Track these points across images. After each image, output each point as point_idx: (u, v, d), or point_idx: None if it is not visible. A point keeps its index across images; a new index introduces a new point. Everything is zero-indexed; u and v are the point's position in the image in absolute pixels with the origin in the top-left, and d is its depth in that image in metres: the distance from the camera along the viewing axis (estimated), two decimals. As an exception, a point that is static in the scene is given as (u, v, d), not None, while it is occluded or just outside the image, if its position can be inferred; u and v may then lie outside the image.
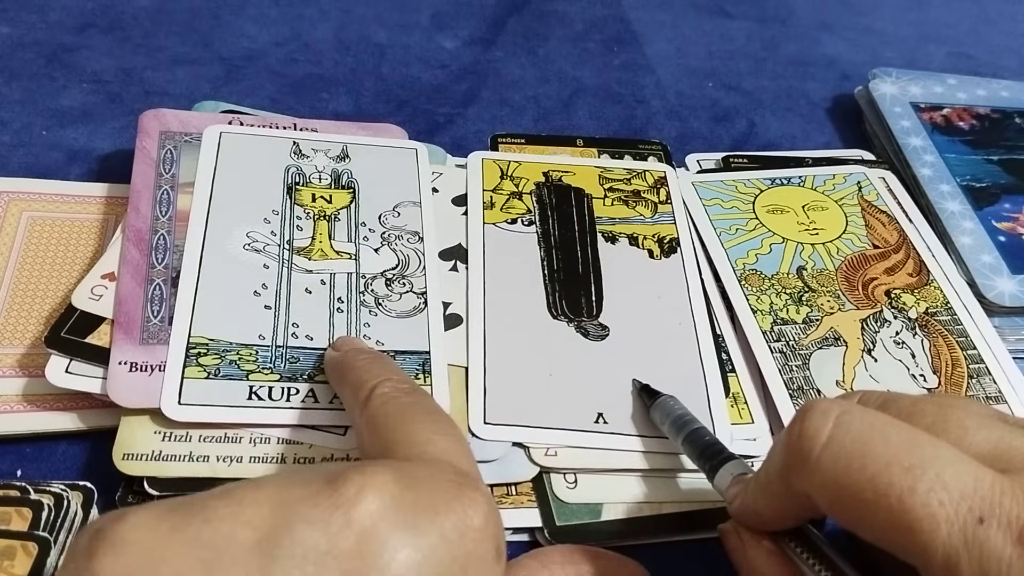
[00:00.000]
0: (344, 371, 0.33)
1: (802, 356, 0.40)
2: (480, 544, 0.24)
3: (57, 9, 0.57)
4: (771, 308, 0.42)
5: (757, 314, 0.41)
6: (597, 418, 0.36)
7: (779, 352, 0.40)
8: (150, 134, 0.43)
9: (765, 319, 0.41)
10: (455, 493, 0.24)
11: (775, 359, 0.40)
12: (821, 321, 0.41)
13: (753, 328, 0.41)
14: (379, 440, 0.28)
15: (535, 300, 0.41)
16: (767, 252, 0.45)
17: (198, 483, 0.32)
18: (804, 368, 0.39)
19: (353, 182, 0.44)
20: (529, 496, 0.35)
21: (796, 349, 0.40)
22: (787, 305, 0.42)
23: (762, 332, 0.41)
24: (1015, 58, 0.67)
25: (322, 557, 0.21)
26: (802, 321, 0.41)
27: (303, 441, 0.34)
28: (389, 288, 0.39)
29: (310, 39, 0.59)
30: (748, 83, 0.60)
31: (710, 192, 0.48)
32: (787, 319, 0.41)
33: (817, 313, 0.42)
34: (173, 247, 0.39)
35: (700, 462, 0.33)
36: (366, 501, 0.22)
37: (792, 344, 0.40)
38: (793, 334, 0.41)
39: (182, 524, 0.22)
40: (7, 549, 0.28)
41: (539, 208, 0.45)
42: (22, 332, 0.37)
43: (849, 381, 0.39)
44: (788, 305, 0.42)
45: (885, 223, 0.47)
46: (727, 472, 0.31)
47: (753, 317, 0.41)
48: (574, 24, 0.64)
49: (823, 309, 0.42)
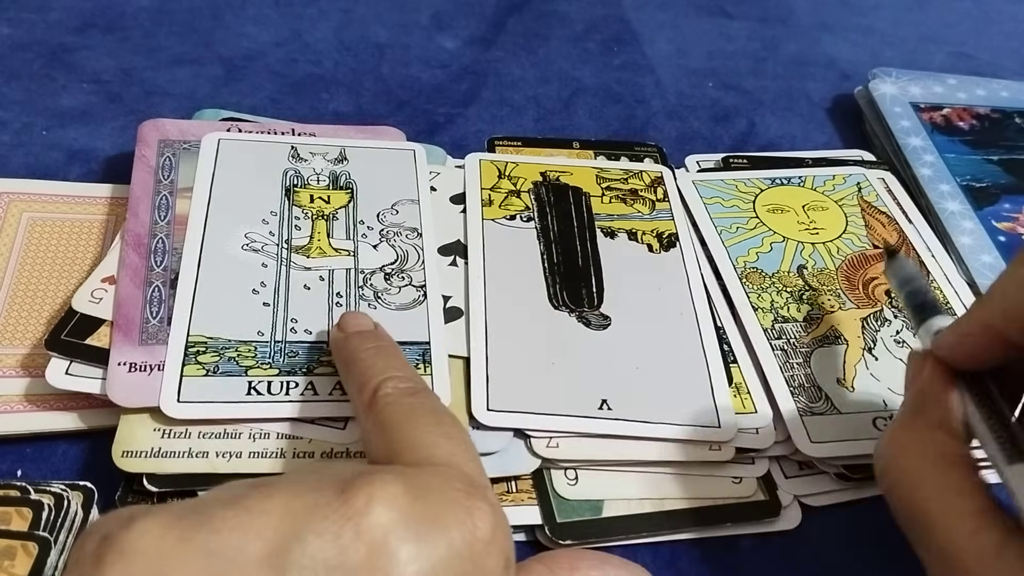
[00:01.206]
0: (348, 361, 0.33)
1: (803, 354, 0.40)
2: (488, 556, 0.24)
3: (57, 9, 0.58)
4: (772, 306, 0.42)
5: (758, 311, 0.41)
6: (601, 404, 0.36)
7: (780, 349, 0.40)
8: (149, 143, 0.43)
9: (766, 316, 0.41)
10: (464, 504, 0.24)
11: (776, 356, 0.40)
12: (822, 319, 0.41)
13: (754, 325, 0.41)
14: (385, 442, 0.28)
15: (536, 291, 0.41)
16: (768, 251, 0.45)
17: (198, 479, 0.32)
18: (805, 365, 0.39)
19: (351, 183, 0.44)
20: (529, 493, 0.35)
21: (797, 347, 0.40)
22: (788, 303, 0.42)
23: (763, 329, 0.41)
24: (1015, 58, 0.67)
25: (332, 570, 0.21)
26: (803, 319, 0.41)
27: (303, 436, 0.34)
28: (388, 282, 0.39)
29: (310, 39, 0.59)
30: (748, 83, 0.60)
31: (711, 191, 0.48)
32: (788, 317, 0.41)
33: (818, 312, 0.42)
34: (171, 250, 0.39)
35: (913, 314, 0.35)
36: (376, 512, 0.22)
37: (793, 342, 0.40)
38: (794, 332, 0.41)
39: (191, 533, 0.22)
40: (7, 549, 0.27)
41: (537, 205, 0.45)
42: (23, 332, 0.37)
43: (850, 379, 0.39)
44: (789, 303, 0.42)
45: (885, 224, 0.47)
46: (934, 323, 0.33)
47: (754, 314, 0.41)
48: (574, 24, 0.64)
49: (824, 308, 0.42)
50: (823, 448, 0.36)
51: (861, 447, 0.36)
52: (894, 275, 0.37)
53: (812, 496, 0.36)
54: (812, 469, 0.37)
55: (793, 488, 0.36)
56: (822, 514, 0.36)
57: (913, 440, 0.29)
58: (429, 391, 0.31)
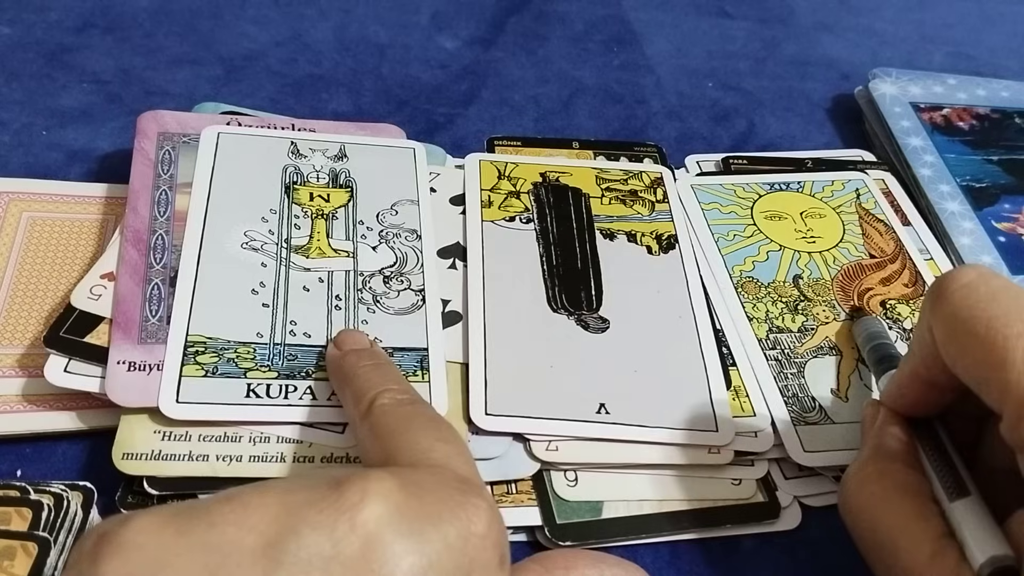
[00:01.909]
0: (345, 378, 0.33)
1: (797, 364, 0.40)
2: (483, 551, 0.24)
3: (57, 9, 0.57)
4: (767, 316, 0.42)
5: (753, 321, 0.41)
6: (599, 408, 0.36)
7: (774, 360, 0.40)
8: (148, 135, 0.43)
9: (761, 327, 0.41)
10: (459, 500, 0.24)
11: (771, 366, 0.40)
12: (816, 330, 0.41)
13: (748, 335, 0.41)
14: (381, 448, 0.28)
15: (535, 294, 0.41)
16: (764, 260, 0.45)
17: (198, 482, 0.32)
18: (799, 376, 0.39)
19: (351, 181, 0.44)
20: (529, 495, 0.35)
21: (791, 357, 0.40)
22: (783, 313, 0.42)
23: (758, 339, 0.41)
24: (1015, 58, 0.67)
25: (327, 562, 0.21)
26: (797, 330, 0.41)
27: (302, 440, 0.34)
28: (387, 285, 0.39)
29: (310, 39, 0.59)
30: (748, 83, 0.60)
31: (709, 196, 0.48)
32: (783, 327, 0.41)
33: (812, 322, 0.42)
34: (171, 247, 0.39)
35: (874, 367, 0.38)
36: (370, 506, 0.22)
37: (787, 352, 0.40)
38: (788, 342, 0.41)
39: (187, 528, 0.22)
40: (7, 549, 0.27)
41: (537, 206, 0.45)
42: (22, 332, 0.37)
43: (844, 389, 0.39)
44: (784, 313, 0.42)
45: (882, 232, 0.47)
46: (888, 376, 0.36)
47: (749, 324, 0.41)
48: (574, 24, 0.64)
49: (818, 319, 0.42)
50: (816, 457, 0.36)
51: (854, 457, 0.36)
52: (860, 332, 0.40)
53: (812, 497, 0.36)
54: (812, 470, 0.37)
55: (793, 489, 0.36)
56: (822, 514, 0.36)
57: (874, 472, 0.31)
58: (425, 402, 0.32)
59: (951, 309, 0.29)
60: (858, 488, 0.31)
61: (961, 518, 0.28)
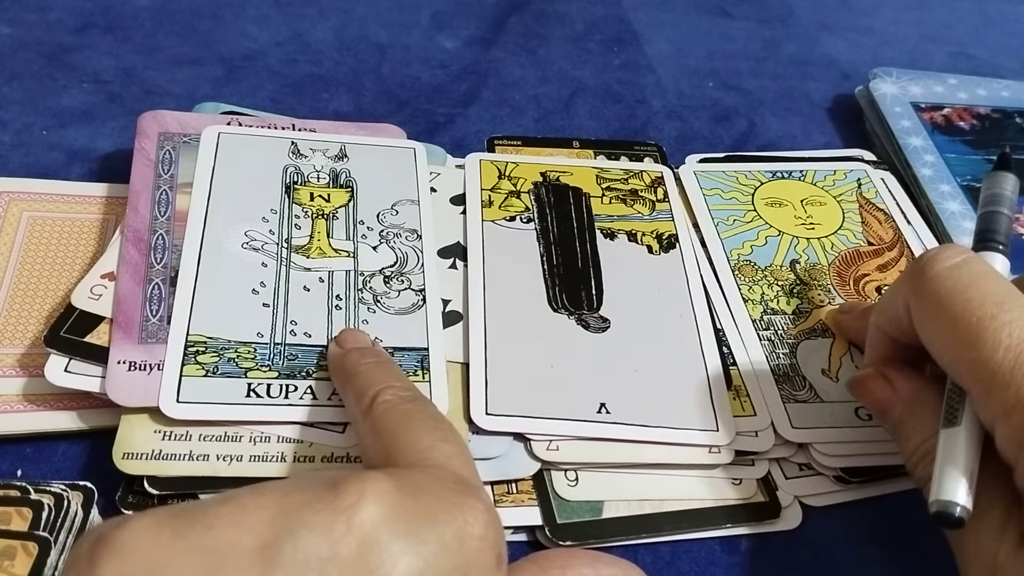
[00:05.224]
0: (347, 375, 0.33)
1: (790, 345, 0.40)
2: (480, 552, 0.24)
3: (57, 9, 0.58)
4: (762, 298, 0.42)
5: (748, 303, 0.42)
6: (600, 408, 0.36)
7: (767, 340, 0.41)
8: (148, 135, 0.43)
9: (756, 308, 0.42)
10: (456, 501, 0.24)
11: (763, 346, 0.40)
12: (810, 313, 0.42)
13: (743, 315, 0.41)
14: (381, 447, 0.28)
15: (535, 294, 0.41)
16: (762, 244, 0.45)
17: (198, 482, 0.32)
18: (791, 356, 0.40)
19: (351, 181, 0.44)
20: (530, 494, 0.35)
21: (784, 338, 0.41)
22: (778, 296, 0.43)
23: (752, 320, 0.41)
24: (1015, 58, 0.67)
25: (324, 563, 0.21)
26: (792, 312, 0.42)
27: (303, 439, 0.34)
28: (387, 285, 0.39)
29: (310, 39, 0.59)
30: (748, 83, 0.60)
31: (711, 182, 0.48)
32: (777, 309, 0.42)
33: (807, 305, 0.42)
34: (172, 247, 0.39)
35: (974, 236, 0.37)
36: (367, 507, 0.22)
37: (780, 333, 0.41)
38: (782, 324, 0.41)
39: (185, 530, 0.22)
40: (7, 549, 0.28)
41: (537, 206, 0.45)
42: (22, 332, 0.37)
43: (835, 370, 0.39)
44: (779, 296, 0.43)
45: (882, 220, 0.47)
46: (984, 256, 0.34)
47: (744, 305, 0.42)
48: (574, 24, 0.64)
49: (813, 302, 0.42)
50: (804, 434, 0.37)
51: (843, 434, 0.37)
52: (984, 188, 0.38)
53: (812, 496, 0.36)
54: (812, 470, 0.37)
55: (793, 489, 0.36)
56: (822, 514, 0.36)
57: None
58: (427, 400, 0.32)
59: (932, 286, 0.30)
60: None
61: (941, 447, 0.29)
